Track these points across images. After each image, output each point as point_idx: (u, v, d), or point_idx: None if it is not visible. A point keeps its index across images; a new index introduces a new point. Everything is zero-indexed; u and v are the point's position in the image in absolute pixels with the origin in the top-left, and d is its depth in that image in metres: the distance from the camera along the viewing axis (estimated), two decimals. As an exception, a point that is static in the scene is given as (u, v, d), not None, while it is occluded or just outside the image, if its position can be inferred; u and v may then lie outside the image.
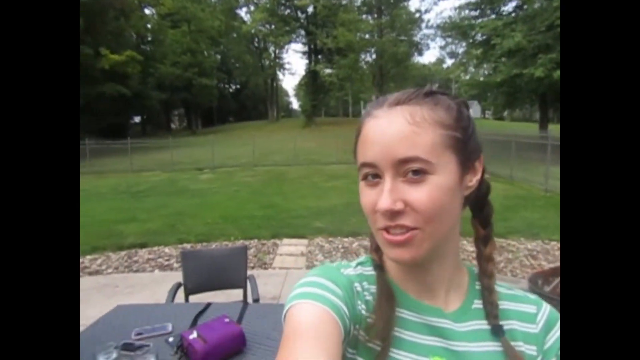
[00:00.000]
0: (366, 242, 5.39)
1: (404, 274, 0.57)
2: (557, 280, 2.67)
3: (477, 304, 0.57)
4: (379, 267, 0.58)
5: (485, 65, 19.64)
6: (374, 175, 0.50)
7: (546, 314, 0.57)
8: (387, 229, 0.49)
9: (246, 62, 43.31)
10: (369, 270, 0.59)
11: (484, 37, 17.83)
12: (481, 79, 19.74)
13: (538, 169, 9.13)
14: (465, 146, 0.51)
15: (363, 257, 0.62)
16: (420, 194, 0.47)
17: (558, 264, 4.33)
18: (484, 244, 0.59)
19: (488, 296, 0.56)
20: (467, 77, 22.75)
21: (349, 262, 0.60)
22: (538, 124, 19.25)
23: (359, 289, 0.55)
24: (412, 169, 0.47)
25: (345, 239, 5.58)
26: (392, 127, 0.48)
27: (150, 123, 40.41)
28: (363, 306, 0.54)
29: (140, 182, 11.44)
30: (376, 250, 0.58)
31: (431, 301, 0.56)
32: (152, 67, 30.94)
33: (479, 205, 0.59)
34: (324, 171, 12.86)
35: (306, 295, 0.50)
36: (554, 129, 12.26)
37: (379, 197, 0.48)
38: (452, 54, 25.75)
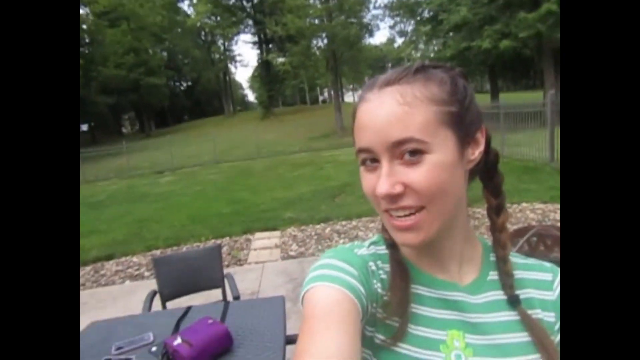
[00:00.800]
0: (338, 227, 5.44)
1: (416, 251, 0.57)
2: (521, 240, 2.85)
3: (493, 275, 0.57)
4: (392, 245, 0.57)
5: (434, 41, 20.00)
6: (372, 160, 0.49)
7: None
8: (389, 211, 0.49)
9: (195, 57, 41.93)
10: (382, 249, 0.58)
11: (431, 14, 18.18)
12: (432, 55, 20.15)
13: (494, 137, 9.51)
14: (462, 120, 0.49)
15: (375, 237, 0.61)
16: (418, 175, 0.46)
17: (520, 225, 4.58)
18: (496, 213, 0.59)
19: (503, 267, 0.56)
20: (418, 54, 23.14)
21: (362, 243, 0.60)
22: (490, 94, 20.02)
23: (373, 268, 0.55)
24: (407, 150, 0.46)
25: (318, 226, 5.59)
26: (383, 109, 0.47)
27: (100, 129, 38.34)
28: (379, 284, 0.54)
29: (96, 192, 10.88)
30: (387, 230, 0.57)
31: (445, 275, 0.56)
32: (93, 71, 29.20)
33: (488, 175, 0.59)
34: (288, 161, 12.80)
35: (321, 277, 0.49)
36: (505, 97, 12.92)
37: (378, 182, 0.47)
38: (401, 33, 26.11)
